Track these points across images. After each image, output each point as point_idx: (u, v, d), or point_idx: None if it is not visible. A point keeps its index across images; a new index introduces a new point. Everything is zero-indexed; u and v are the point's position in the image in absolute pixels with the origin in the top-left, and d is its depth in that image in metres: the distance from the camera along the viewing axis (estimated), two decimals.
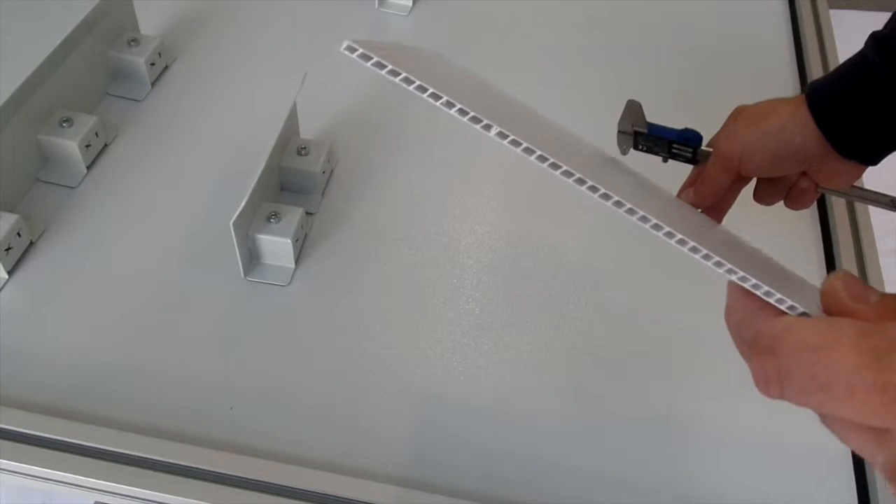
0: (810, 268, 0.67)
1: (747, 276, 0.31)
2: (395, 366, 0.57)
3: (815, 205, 0.72)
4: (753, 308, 0.31)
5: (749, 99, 0.50)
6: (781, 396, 0.28)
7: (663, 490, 0.52)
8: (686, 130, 0.51)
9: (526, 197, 0.70)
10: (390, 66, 0.31)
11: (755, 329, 0.31)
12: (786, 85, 0.84)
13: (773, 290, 0.31)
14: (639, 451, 0.54)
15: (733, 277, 0.31)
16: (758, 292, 0.31)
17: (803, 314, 0.30)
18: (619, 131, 0.53)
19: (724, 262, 0.31)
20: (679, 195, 0.52)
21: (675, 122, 0.52)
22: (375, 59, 0.31)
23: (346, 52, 0.32)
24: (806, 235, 0.69)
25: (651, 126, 0.52)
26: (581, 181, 0.31)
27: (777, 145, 0.47)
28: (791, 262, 0.38)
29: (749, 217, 0.53)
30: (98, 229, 0.64)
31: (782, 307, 0.31)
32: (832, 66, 0.84)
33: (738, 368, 0.34)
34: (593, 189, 0.31)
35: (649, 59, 0.86)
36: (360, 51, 0.32)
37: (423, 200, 0.69)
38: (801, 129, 0.47)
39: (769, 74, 0.85)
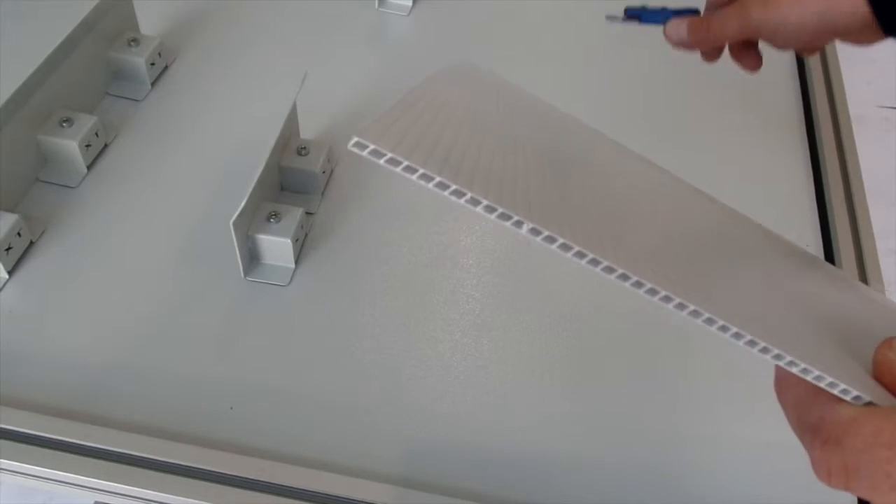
0: None
1: (809, 367, 0.27)
2: (395, 366, 0.57)
3: (814, 204, 0.72)
4: (812, 388, 0.28)
5: (747, 101, 0.50)
6: (846, 489, 0.26)
7: (665, 490, 0.52)
8: (685, 11, 0.50)
9: None
10: (406, 163, 0.27)
11: (817, 416, 0.28)
12: (786, 85, 0.84)
13: (837, 381, 0.27)
14: (641, 452, 0.54)
15: (794, 370, 0.28)
16: (822, 384, 0.27)
17: (870, 403, 0.27)
18: (607, 17, 0.52)
19: (783, 353, 0.27)
20: (670, 25, 0.52)
21: (675, 121, 0.52)
22: (389, 155, 0.27)
23: (356, 150, 0.27)
24: (806, 235, 0.69)
25: (644, 13, 0.51)
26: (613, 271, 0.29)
27: (818, 24, 0.44)
28: None
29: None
30: (98, 229, 0.64)
31: (847, 398, 0.27)
32: (832, 65, 0.84)
33: (741, 370, 0.33)
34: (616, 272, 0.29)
35: (648, 58, 0.86)
36: (371, 147, 0.27)
37: (424, 200, 0.69)
38: (849, 11, 0.43)
39: (769, 74, 0.85)
